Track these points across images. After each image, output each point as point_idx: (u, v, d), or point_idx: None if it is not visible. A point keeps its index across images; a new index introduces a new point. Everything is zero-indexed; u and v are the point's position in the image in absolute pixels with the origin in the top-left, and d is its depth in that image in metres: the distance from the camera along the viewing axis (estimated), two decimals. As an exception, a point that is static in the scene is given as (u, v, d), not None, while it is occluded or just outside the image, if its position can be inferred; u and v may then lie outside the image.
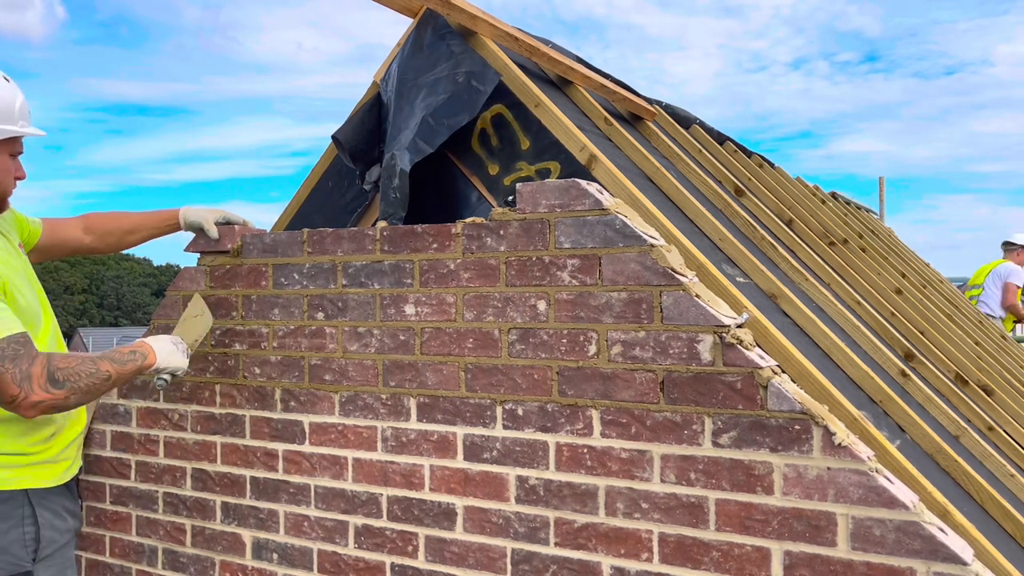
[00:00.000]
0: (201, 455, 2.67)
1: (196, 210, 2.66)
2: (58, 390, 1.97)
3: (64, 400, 1.99)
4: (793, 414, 1.81)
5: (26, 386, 1.92)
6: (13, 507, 2.14)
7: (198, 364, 2.68)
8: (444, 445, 2.24)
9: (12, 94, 2.13)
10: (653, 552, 1.96)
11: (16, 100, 2.14)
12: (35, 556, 2.17)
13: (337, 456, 2.41)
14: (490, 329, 2.18)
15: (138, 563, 2.80)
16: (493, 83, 2.64)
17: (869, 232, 6.72)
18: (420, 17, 2.92)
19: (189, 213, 2.66)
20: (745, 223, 3.26)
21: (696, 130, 4.53)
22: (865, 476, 1.73)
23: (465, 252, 2.23)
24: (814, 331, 2.65)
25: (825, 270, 3.71)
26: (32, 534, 2.16)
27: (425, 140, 2.67)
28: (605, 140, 3.10)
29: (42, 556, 2.19)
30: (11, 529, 2.13)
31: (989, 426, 3.41)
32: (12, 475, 2.15)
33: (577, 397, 2.06)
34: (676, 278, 1.95)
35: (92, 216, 2.67)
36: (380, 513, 2.34)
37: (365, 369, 2.37)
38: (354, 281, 2.40)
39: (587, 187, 2.07)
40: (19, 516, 2.14)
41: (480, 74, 2.67)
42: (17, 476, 2.16)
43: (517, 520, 2.13)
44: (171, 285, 2.80)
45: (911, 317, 4.25)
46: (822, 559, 1.78)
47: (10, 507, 2.14)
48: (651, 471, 1.97)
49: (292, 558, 2.49)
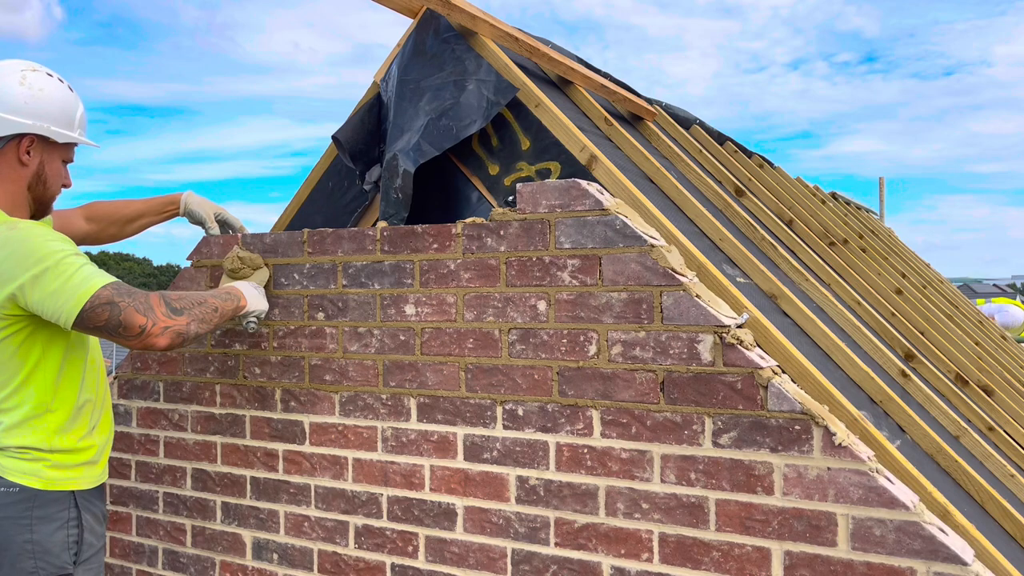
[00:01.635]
0: (201, 455, 2.67)
1: (199, 201, 2.66)
2: (179, 316, 2.02)
3: (186, 327, 2.03)
4: (793, 414, 1.81)
5: (151, 315, 1.97)
6: (60, 508, 2.11)
7: (198, 364, 2.68)
8: (444, 445, 2.24)
9: (75, 103, 2.19)
10: (653, 552, 1.96)
11: (78, 110, 2.19)
12: (76, 559, 2.13)
13: (337, 456, 2.41)
14: (490, 329, 2.18)
15: (138, 563, 2.80)
16: (509, 96, 2.64)
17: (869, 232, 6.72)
18: (420, 18, 2.92)
19: (191, 201, 2.66)
20: (745, 223, 3.26)
21: (696, 130, 4.53)
22: (865, 476, 1.74)
23: (465, 252, 2.23)
24: (814, 331, 2.65)
25: (825, 270, 3.71)
26: (75, 536, 2.13)
27: (430, 142, 2.66)
28: (605, 140, 3.10)
29: (82, 559, 2.15)
30: (57, 531, 2.09)
31: (989, 426, 3.41)
32: (62, 475, 2.12)
33: (577, 397, 2.06)
34: (676, 278, 1.96)
35: (94, 205, 2.66)
36: (380, 513, 2.34)
37: (365, 369, 2.37)
38: (354, 281, 2.40)
39: (587, 187, 2.07)
40: (65, 518, 2.11)
41: (495, 85, 2.67)
42: (67, 476, 2.13)
43: (517, 520, 2.13)
44: (171, 285, 2.80)
45: (911, 317, 4.25)
46: (822, 559, 1.78)
47: (57, 508, 2.10)
48: (651, 471, 1.97)
49: (292, 558, 2.49)
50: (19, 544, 2.03)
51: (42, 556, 2.06)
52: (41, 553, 2.05)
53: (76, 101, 2.19)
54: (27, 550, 2.04)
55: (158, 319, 1.98)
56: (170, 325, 1.99)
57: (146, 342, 1.97)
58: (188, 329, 2.04)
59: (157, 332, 1.97)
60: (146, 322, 1.96)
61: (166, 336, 1.99)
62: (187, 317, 2.04)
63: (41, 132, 2.08)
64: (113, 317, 1.94)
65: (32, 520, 2.05)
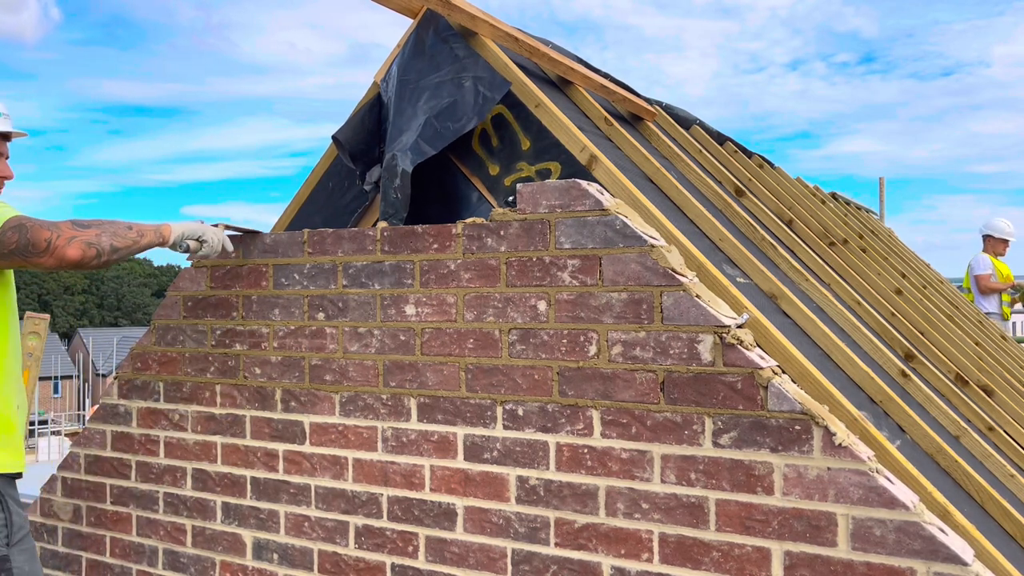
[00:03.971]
0: (201, 455, 2.67)
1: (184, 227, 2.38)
2: (87, 229, 2.04)
3: (96, 238, 2.04)
4: (793, 414, 1.81)
5: (55, 229, 2.01)
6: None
7: (198, 364, 2.68)
8: (444, 445, 2.24)
9: None
10: (653, 552, 1.96)
11: None
12: (8, 541, 2.20)
13: (337, 456, 2.41)
14: (490, 329, 2.18)
15: (138, 563, 2.80)
16: (503, 91, 2.64)
17: (869, 232, 6.72)
18: (420, 18, 2.92)
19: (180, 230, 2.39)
20: (745, 223, 3.26)
21: (696, 130, 4.53)
22: (865, 476, 1.74)
23: (465, 252, 2.23)
24: (814, 331, 2.65)
25: (825, 270, 3.71)
26: (3, 520, 2.20)
27: (428, 142, 2.66)
28: (605, 140, 3.10)
29: (14, 541, 2.23)
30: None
31: (989, 426, 3.41)
32: None
33: (577, 397, 2.07)
34: (676, 278, 1.96)
35: None
36: (380, 513, 2.34)
37: (365, 369, 2.37)
38: (354, 281, 2.40)
39: (587, 187, 2.07)
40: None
41: (488, 80, 2.67)
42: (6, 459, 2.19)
43: (517, 520, 2.14)
44: (171, 286, 2.80)
45: (911, 317, 4.25)
46: (822, 559, 1.78)
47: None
48: (651, 471, 1.97)
49: (292, 558, 2.49)
50: None
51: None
52: None
53: None
54: None
55: (63, 232, 2.01)
56: (76, 235, 2.02)
57: (56, 256, 2.00)
58: (99, 241, 2.04)
59: (62, 243, 2.00)
60: (51, 235, 2.00)
61: (74, 246, 2.01)
62: (96, 230, 2.05)
63: None
64: (22, 237, 2.00)
65: None
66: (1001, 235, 8.84)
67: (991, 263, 8.70)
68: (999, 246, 8.85)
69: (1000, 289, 8.62)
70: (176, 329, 2.76)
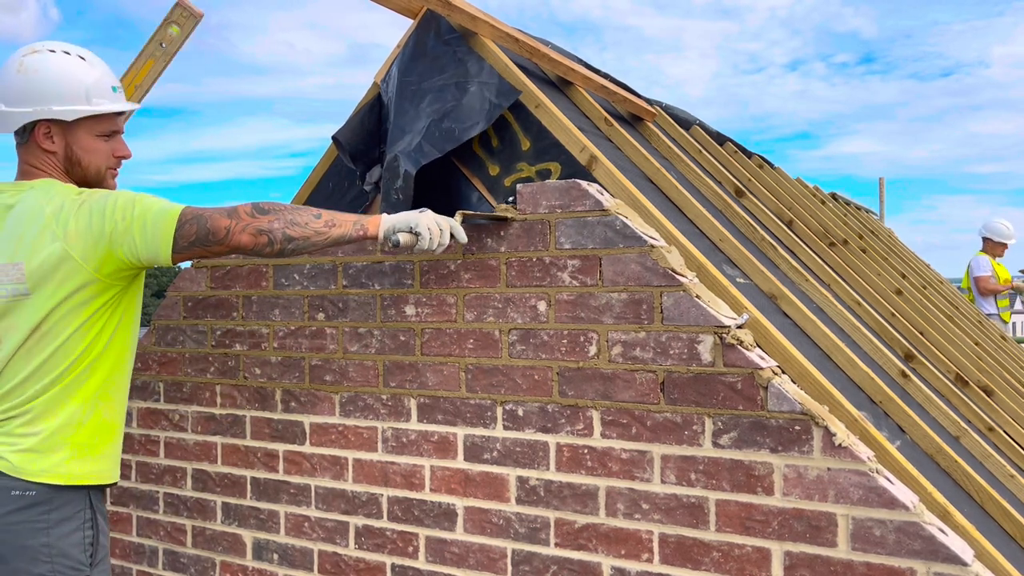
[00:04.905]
0: (201, 456, 2.67)
1: None
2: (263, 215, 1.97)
3: (269, 224, 1.95)
4: (793, 415, 1.81)
5: (235, 216, 1.95)
6: (76, 508, 1.96)
7: (198, 365, 2.68)
8: (444, 446, 2.24)
9: (85, 72, 2.02)
10: (653, 553, 1.96)
11: (87, 77, 2.01)
12: (92, 560, 1.98)
13: (337, 457, 2.41)
14: (490, 330, 2.18)
15: (139, 564, 2.80)
16: (511, 98, 2.64)
17: (869, 233, 6.72)
18: (421, 18, 2.92)
19: None
20: (745, 224, 3.26)
21: (696, 131, 4.53)
22: (865, 477, 1.74)
23: (465, 253, 2.23)
24: (814, 332, 2.65)
25: (825, 271, 3.71)
26: (91, 538, 1.98)
27: (432, 144, 2.66)
28: (605, 141, 3.10)
29: (97, 560, 2.01)
30: (74, 532, 1.95)
31: (989, 427, 3.41)
32: (81, 469, 1.97)
33: (577, 398, 2.07)
34: (676, 279, 1.96)
35: None
36: (380, 514, 2.34)
37: (365, 370, 2.37)
38: (354, 282, 2.40)
39: (587, 188, 2.08)
40: (82, 518, 1.97)
41: (496, 87, 2.67)
42: (85, 471, 1.98)
43: (517, 521, 2.14)
44: (171, 286, 2.80)
45: (911, 318, 4.25)
46: (822, 559, 1.78)
47: (74, 507, 1.96)
48: (651, 472, 1.97)
49: (293, 559, 2.49)
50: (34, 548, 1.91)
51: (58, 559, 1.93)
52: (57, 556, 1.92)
53: (88, 69, 2.02)
54: (43, 553, 1.91)
55: (241, 218, 1.96)
56: (251, 222, 1.95)
57: (232, 241, 1.95)
58: (272, 227, 1.96)
59: (239, 230, 1.94)
60: (230, 222, 1.94)
61: (247, 233, 1.95)
62: (272, 216, 1.97)
63: (46, 116, 1.97)
64: (201, 228, 1.94)
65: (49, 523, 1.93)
66: (1000, 238, 8.85)
67: (991, 264, 8.72)
68: (997, 248, 8.87)
69: (999, 291, 8.64)
70: (176, 329, 2.76)
